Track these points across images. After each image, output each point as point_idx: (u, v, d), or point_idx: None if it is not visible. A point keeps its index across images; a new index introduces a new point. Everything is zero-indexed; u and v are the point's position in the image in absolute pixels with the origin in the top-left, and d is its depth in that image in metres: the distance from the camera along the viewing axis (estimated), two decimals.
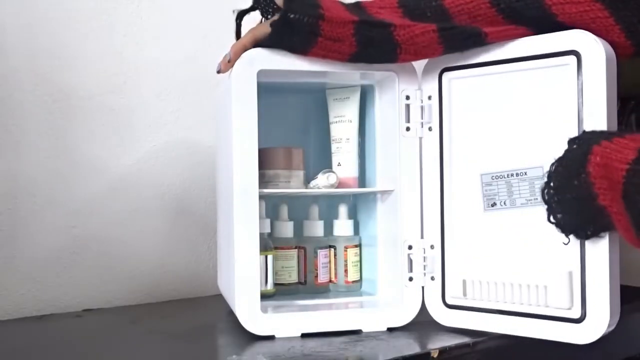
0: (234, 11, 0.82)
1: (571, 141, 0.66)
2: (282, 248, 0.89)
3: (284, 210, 0.91)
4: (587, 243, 0.67)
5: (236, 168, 0.74)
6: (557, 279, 0.69)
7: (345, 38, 0.72)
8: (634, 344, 0.88)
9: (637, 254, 0.73)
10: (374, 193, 0.87)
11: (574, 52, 0.68)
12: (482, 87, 0.75)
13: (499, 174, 0.74)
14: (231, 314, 0.80)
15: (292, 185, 0.85)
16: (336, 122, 0.89)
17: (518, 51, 0.72)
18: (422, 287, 0.79)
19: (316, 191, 0.86)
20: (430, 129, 0.79)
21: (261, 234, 0.79)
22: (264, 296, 0.80)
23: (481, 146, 0.76)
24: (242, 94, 0.74)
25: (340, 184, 0.87)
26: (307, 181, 0.87)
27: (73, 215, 0.95)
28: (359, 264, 0.91)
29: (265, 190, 0.80)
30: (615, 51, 0.69)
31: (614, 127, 0.68)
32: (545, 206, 0.68)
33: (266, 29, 0.73)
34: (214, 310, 0.92)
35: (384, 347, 0.71)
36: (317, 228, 0.91)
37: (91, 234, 0.96)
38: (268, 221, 0.88)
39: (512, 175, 0.73)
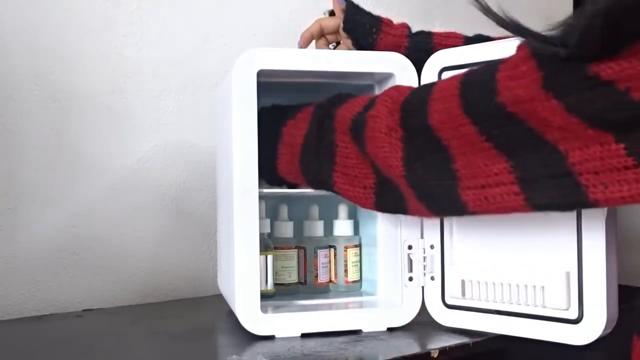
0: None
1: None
2: (282, 248, 0.89)
3: (284, 210, 0.91)
4: (585, 244, 0.67)
5: (236, 168, 0.74)
6: (555, 280, 0.69)
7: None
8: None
9: (638, 254, 0.73)
10: None
11: None
12: None
13: None
14: (231, 314, 0.80)
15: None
16: None
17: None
18: (422, 287, 0.79)
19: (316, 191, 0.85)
20: None
21: (261, 234, 0.79)
22: (264, 296, 0.80)
23: None
24: (242, 94, 0.74)
25: None
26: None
27: (73, 215, 0.95)
28: (359, 264, 0.91)
29: (265, 190, 0.80)
30: None
31: None
32: None
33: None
34: (214, 310, 0.92)
35: (384, 347, 0.71)
36: (317, 228, 0.91)
37: (91, 234, 0.96)
38: (268, 221, 0.88)
39: None
